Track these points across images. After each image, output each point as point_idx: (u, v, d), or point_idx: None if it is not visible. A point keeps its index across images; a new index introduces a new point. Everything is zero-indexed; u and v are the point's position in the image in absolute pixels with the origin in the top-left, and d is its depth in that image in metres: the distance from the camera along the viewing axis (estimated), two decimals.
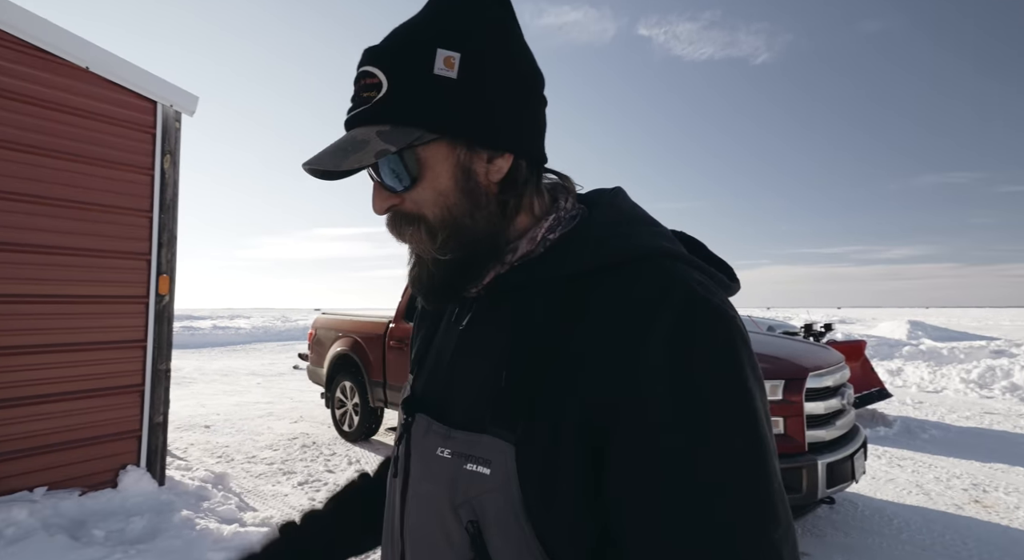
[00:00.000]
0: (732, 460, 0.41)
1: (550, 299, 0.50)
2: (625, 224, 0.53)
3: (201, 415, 6.34)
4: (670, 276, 0.47)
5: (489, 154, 0.51)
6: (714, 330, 0.44)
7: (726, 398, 0.42)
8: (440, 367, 0.58)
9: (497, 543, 0.46)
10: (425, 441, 0.53)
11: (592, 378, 0.44)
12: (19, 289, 2.87)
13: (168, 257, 3.42)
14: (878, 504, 3.66)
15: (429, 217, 0.51)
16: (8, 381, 2.83)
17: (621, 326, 0.45)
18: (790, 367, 3.01)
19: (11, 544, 2.46)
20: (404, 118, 0.48)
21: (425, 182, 0.50)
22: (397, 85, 0.48)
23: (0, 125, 2.79)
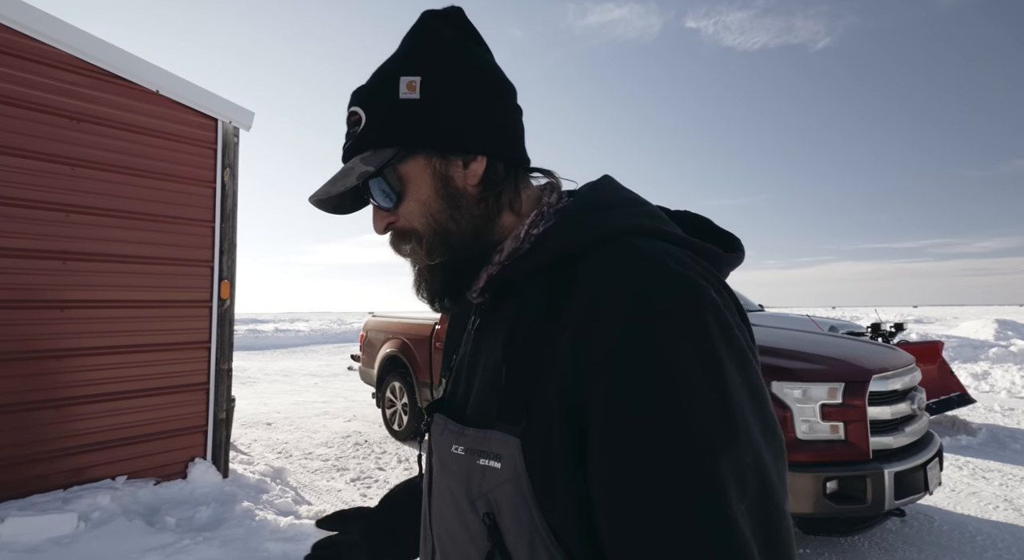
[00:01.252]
0: (694, 435, 0.40)
1: (539, 292, 0.52)
2: (602, 209, 0.54)
3: (263, 413, 6.72)
4: (635, 251, 0.48)
5: (463, 159, 0.55)
6: (677, 302, 0.44)
7: (690, 372, 0.41)
8: (461, 371, 0.61)
9: (512, 533, 0.48)
10: (442, 440, 0.56)
11: (567, 362, 0.46)
12: (99, 295, 3.15)
13: (229, 264, 3.65)
14: (959, 519, 3.35)
15: (419, 228, 0.56)
16: (92, 379, 3.12)
17: (585, 308, 0.46)
18: (850, 368, 2.82)
19: (97, 527, 2.71)
20: (380, 142, 0.54)
21: (409, 195, 0.56)
22: (371, 115, 0.55)
23: (81, 147, 3.09)
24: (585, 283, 0.48)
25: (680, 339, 0.42)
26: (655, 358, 0.42)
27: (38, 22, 2.90)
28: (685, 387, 0.41)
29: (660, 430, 0.41)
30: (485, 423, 0.52)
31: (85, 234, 3.10)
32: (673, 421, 0.41)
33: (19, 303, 2.89)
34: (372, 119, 0.54)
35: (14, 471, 2.85)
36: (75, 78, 3.06)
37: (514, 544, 0.48)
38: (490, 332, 0.57)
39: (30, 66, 2.91)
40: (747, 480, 0.41)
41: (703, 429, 0.41)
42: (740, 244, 0.56)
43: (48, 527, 2.56)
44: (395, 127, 0.54)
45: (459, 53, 0.56)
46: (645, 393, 0.42)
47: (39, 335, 2.95)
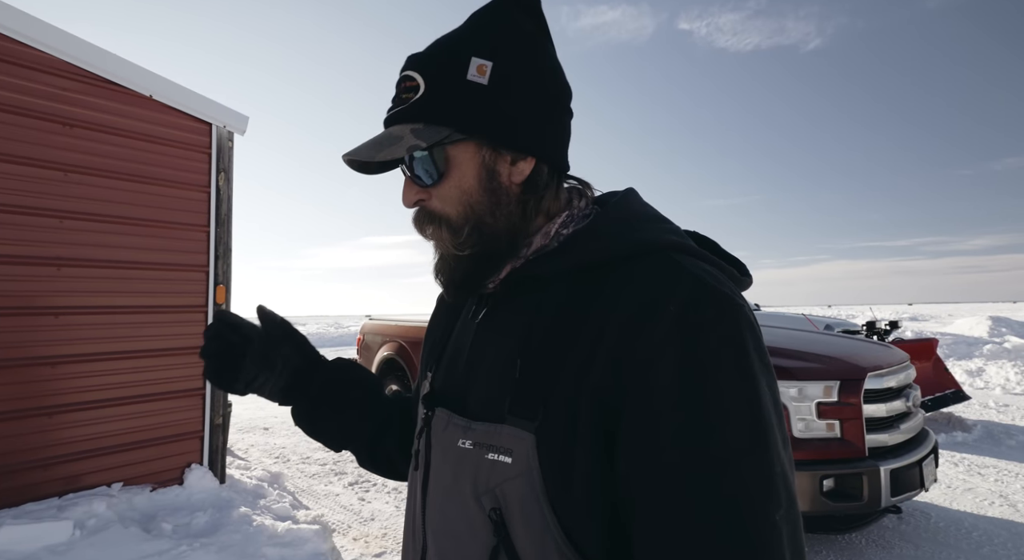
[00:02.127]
0: (733, 441, 0.42)
1: (562, 291, 0.53)
2: (634, 220, 0.55)
3: (261, 418, 6.69)
4: (678, 266, 0.49)
5: (513, 156, 0.54)
6: (720, 317, 0.45)
7: (730, 382, 0.44)
8: (458, 362, 0.60)
9: (519, 529, 0.48)
10: (446, 434, 0.55)
11: (604, 364, 0.46)
12: (94, 301, 3.13)
13: (224, 268, 3.64)
14: (954, 515, 3.37)
15: (452, 215, 0.55)
16: (86, 385, 3.10)
17: (630, 314, 0.47)
18: (845, 367, 2.83)
19: (92, 534, 2.68)
20: (436, 118, 0.52)
21: (451, 179, 0.54)
22: (432, 87, 0.52)
23: (74, 152, 3.08)
24: (628, 292, 0.48)
25: (722, 352, 0.44)
26: (698, 368, 0.44)
27: (29, 27, 2.88)
28: (726, 397, 0.43)
29: (701, 436, 0.42)
30: (494, 417, 0.51)
31: (79, 240, 3.08)
32: (714, 430, 0.42)
33: (13, 310, 2.87)
34: (432, 92, 0.52)
35: (8, 479, 2.82)
36: (67, 83, 3.04)
37: (521, 540, 0.48)
38: (502, 324, 0.56)
39: (21, 72, 2.90)
40: (779, 489, 0.43)
41: (741, 437, 0.43)
42: (748, 270, 0.58)
43: (43, 535, 2.54)
44: (456, 107, 0.52)
45: (534, 49, 0.55)
46: (687, 401, 0.43)
47: (33, 342, 2.93)
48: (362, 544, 3.16)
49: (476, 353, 0.57)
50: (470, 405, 0.55)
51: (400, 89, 0.54)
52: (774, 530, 0.41)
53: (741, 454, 0.42)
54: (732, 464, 0.42)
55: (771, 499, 0.42)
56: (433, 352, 0.67)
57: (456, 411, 0.55)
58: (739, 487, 0.41)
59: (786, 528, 0.42)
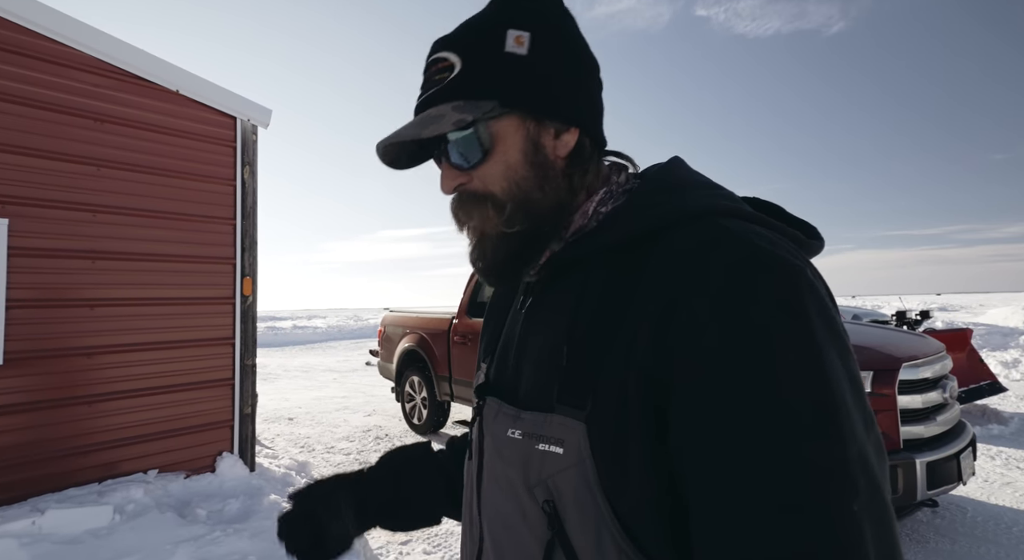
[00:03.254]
0: (793, 418, 0.38)
1: (606, 271, 0.50)
2: (677, 189, 0.52)
3: (285, 408, 6.83)
4: (725, 230, 0.45)
5: (556, 128, 0.53)
6: (773, 280, 0.41)
7: (788, 351, 0.39)
8: (508, 352, 0.59)
9: (574, 520, 0.46)
10: (496, 424, 0.54)
11: (650, 340, 0.43)
12: (127, 293, 3.21)
13: (250, 260, 3.70)
14: (993, 510, 3.27)
15: (497, 192, 0.52)
16: (121, 375, 3.19)
17: (674, 283, 0.44)
18: (879, 357, 2.76)
19: (132, 519, 2.77)
20: (478, 93, 0.50)
21: (496, 156, 0.52)
22: (470, 63, 0.51)
23: (106, 148, 3.14)
24: (671, 262, 0.45)
25: (777, 318, 0.40)
26: (750, 337, 0.40)
27: (63, 25, 2.94)
28: (783, 368, 0.39)
29: (757, 414, 0.38)
30: (543, 406, 0.49)
31: (111, 233, 3.16)
32: (770, 405, 0.38)
33: (50, 302, 2.96)
34: (470, 67, 0.51)
35: (51, 465, 2.93)
36: (98, 80, 3.11)
37: (576, 532, 0.46)
38: (546, 312, 0.55)
39: (56, 69, 2.96)
40: (855, 475, 0.38)
41: (802, 414, 0.38)
42: (819, 232, 0.53)
43: (85, 519, 2.63)
44: (497, 80, 0.50)
45: (566, 20, 0.54)
46: (740, 375, 0.39)
47: (71, 333, 3.02)
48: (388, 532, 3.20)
49: (524, 343, 0.56)
50: (520, 395, 0.54)
51: (431, 73, 0.52)
52: (852, 522, 0.36)
53: (804, 432, 0.37)
54: (793, 444, 0.37)
55: (845, 486, 0.37)
56: (490, 344, 0.66)
57: (507, 400, 0.55)
58: (803, 471, 0.36)
59: (868, 520, 0.37)
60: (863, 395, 0.42)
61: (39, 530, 2.52)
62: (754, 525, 0.37)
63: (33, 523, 2.53)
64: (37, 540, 2.44)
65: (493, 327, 0.68)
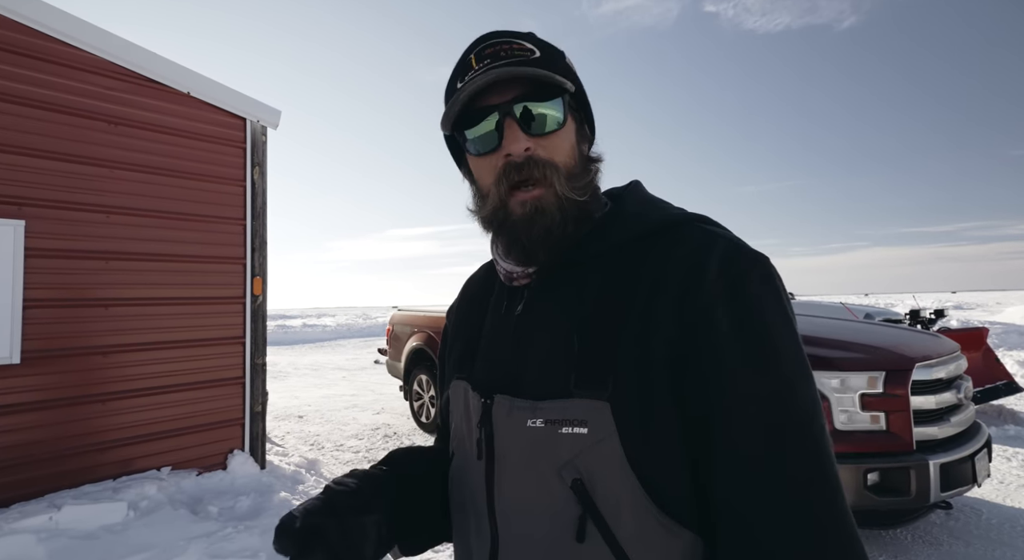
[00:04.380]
0: (792, 365, 0.50)
1: (601, 269, 0.57)
2: (652, 203, 0.63)
3: (295, 406, 6.89)
4: (711, 232, 0.57)
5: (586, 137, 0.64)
6: (755, 266, 0.53)
7: (777, 318, 0.51)
8: (500, 353, 0.61)
9: (602, 493, 0.50)
10: (511, 418, 0.56)
11: (667, 316, 0.51)
12: (140, 293, 3.27)
13: (260, 260, 3.74)
14: (1009, 512, 3.22)
15: (560, 164, 0.58)
16: (135, 374, 3.24)
17: (680, 271, 0.53)
18: (892, 357, 2.72)
19: (145, 515, 2.82)
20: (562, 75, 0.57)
21: (565, 132, 0.59)
22: (546, 55, 0.58)
23: (119, 150, 3.19)
24: (676, 256, 0.54)
25: (766, 295, 0.52)
26: (750, 308, 0.51)
27: (75, 29, 2.99)
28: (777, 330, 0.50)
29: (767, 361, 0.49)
30: (560, 393, 0.53)
31: (124, 234, 3.21)
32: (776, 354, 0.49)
33: (66, 302, 3.01)
34: (547, 58, 0.58)
35: (67, 462, 2.99)
36: (112, 83, 3.15)
37: (605, 503, 0.50)
38: (544, 311, 0.59)
39: (71, 73, 3.01)
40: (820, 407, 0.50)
41: (796, 362, 0.50)
42: None
43: (101, 515, 2.68)
44: (568, 77, 0.58)
45: None
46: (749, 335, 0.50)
47: (86, 332, 3.07)
48: None
49: (522, 341, 0.59)
50: (527, 388, 0.56)
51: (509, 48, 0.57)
52: (825, 437, 0.49)
53: (800, 378, 0.49)
54: (796, 387, 0.49)
55: (820, 415, 0.49)
56: (465, 355, 0.66)
57: (515, 395, 0.56)
58: (804, 406, 0.48)
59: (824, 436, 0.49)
60: None
61: (56, 525, 2.57)
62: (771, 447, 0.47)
63: (50, 519, 2.58)
64: (54, 535, 2.50)
65: (466, 337, 0.68)
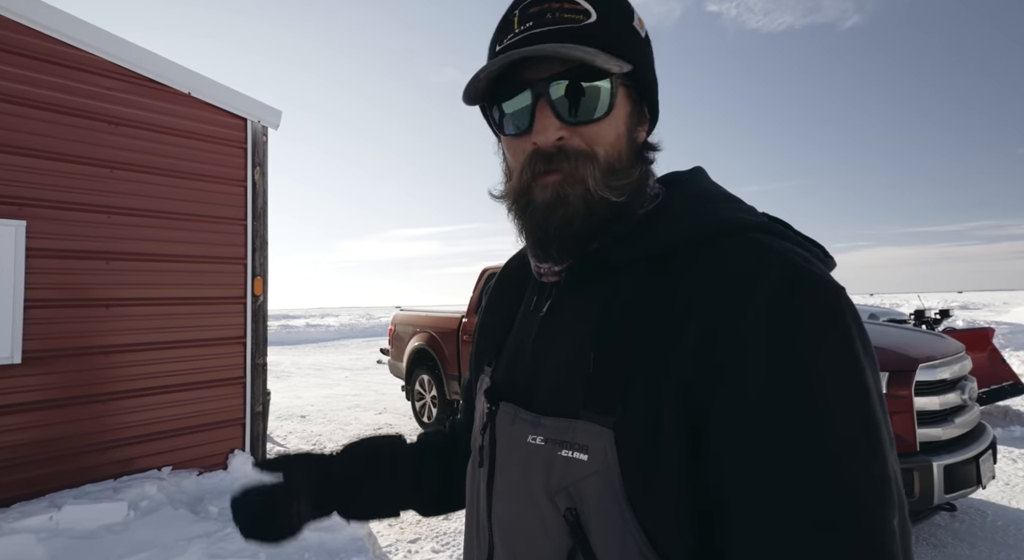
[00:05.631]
0: (842, 435, 0.38)
1: (636, 278, 0.49)
2: (709, 201, 0.51)
3: (298, 406, 6.90)
4: (767, 248, 0.45)
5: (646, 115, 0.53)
6: (817, 299, 0.41)
7: (835, 370, 0.39)
8: (521, 355, 0.57)
9: (597, 529, 0.45)
10: (513, 430, 0.52)
11: (690, 354, 0.42)
12: (140, 293, 3.27)
13: (261, 261, 3.74)
14: (1014, 514, 3.18)
15: (600, 155, 0.49)
16: (136, 374, 3.25)
17: (718, 300, 0.43)
18: (895, 357, 2.70)
19: (146, 515, 2.83)
20: (617, 50, 0.47)
21: (612, 119, 0.49)
22: (606, 19, 0.48)
23: (119, 150, 3.20)
24: (714, 277, 0.44)
25: (824, 338, 0.40)
26: (798, 355, 0.39)
27: (76, 29, 2.99)
28: (830, 386, 0.39)
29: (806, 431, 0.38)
30: (567, 412, 0.48)
31: (125, 234, 3.21)
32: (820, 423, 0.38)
33: (67, 302, 3.02)
34: (607, 24, 0.47)
35: (68, 462, 3.00)
36: (112, 83, 3.16)
37: (599, 540, 0.44)
38: (568, 315, 0.53)
39: (71, 73, 3.02)
40: (893, 491, 0.38)
41: (850, 431, 0.38)
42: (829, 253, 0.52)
43: (101, 515, 2.69)
44: (632, 47, 0.49)
45: None
46: (788, 391, 0.39)
47: (86, 332, 3.08)
48: (397, 530, 3.22)
49: (542, 346, 0.54)
50: (537, 399, 0.51)
51: (555, 9, 0.47)
52: (892, 536, 0.37)
53: (852, 450, 0.38)
54: (843, 461, 0.37)
55: (887, 501, 0.38)
56: (492, 346, 0.63)
57: (522, 405, 0.52)
58: (852, 487, 0.37)
59: (900, 533, 0.38)
60: (887, 414, 0.42)
61: (56, 525, 2.58)
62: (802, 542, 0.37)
63: (50, 518, 2.59)
64: (54, 535, 2.50)
65: (496, 328, 0.64)
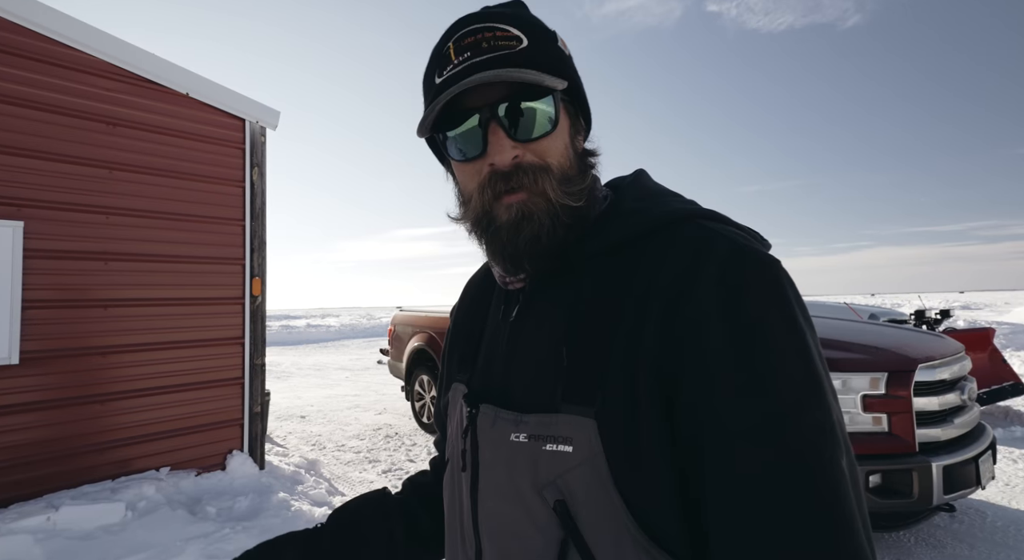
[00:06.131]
0: (793, 393, 0.42)
1: (596, 273, 0.52)
2: (655, 197, 0.56)
3: (298, 406, 6.90)
4: (712, 231, 0.49)
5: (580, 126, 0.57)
6: (760, 273, 0.46)
7: (779, 336, 0.44)
8: (495, 361, 0.59)
9: (586, 518, 0.46)
10: (495, 430, 0.54)
11: (655, 332, 0.46)
12: (139, 293, 3.27)
13: (259, 261, 3.74)
14: (1014, 515, 3.17)
15: (554, 167, 0.52)
16: (134, 374, 3.25)
17: (673, 278, 0.47)
18: (894, 358, 2.69)
19: (143, 516, 2.83)
20: (552, 69, 0.51)
21: (558, 132, 0.53)
22: (536, 43, 0.51)
23: (118, 151, 3.20)
24: (668, 261, 0.48)
25: (768, 307, 0.44)
26: (747, 325, 0.44)
27: (74, 30, 3.00)
28: (778, 351, 0.43)
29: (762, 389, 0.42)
30: (547, 407, 0.49)
31: (123, 235, 3.21)
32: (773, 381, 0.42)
33: (65, 303, 3.02)
34: (537, 47, 0.51)
35: (66, 462, 3.00)
36: (110, 84, 3.16)
37: (590, 529, 0.46)
38: (536, 318, 0.55)
39: (69, 74, 3.02)
40: (839, 436, 0.43)
41: (799, 389, 0.42)
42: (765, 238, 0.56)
43: (99, 515, 2.69)
44: (561, 65, 0.52)
45: None
46: (742, 358, 0.43)
47: (84, 333, 3.08)
48: None
49: (514, 350, 0.56)
50: (516, 399, 0.53)
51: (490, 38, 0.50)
52: (843, 476, 0.41)
53: (803, 405, 0.42)
54: (796, 415, 0.41)
55: (836, 444, 0.42)
56: (465, 361, 0.64)
57: (502, 406, 0.54)
58: (806, 437, 0.41)
59: (849, 473, 0.42)
60: (827, 367, 0.47)
61: (54, 526, 2.58)
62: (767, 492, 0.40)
63: (48, 519, 2.59)
64: (51, 536, 2.50)
65: (466, 343, 0.66)
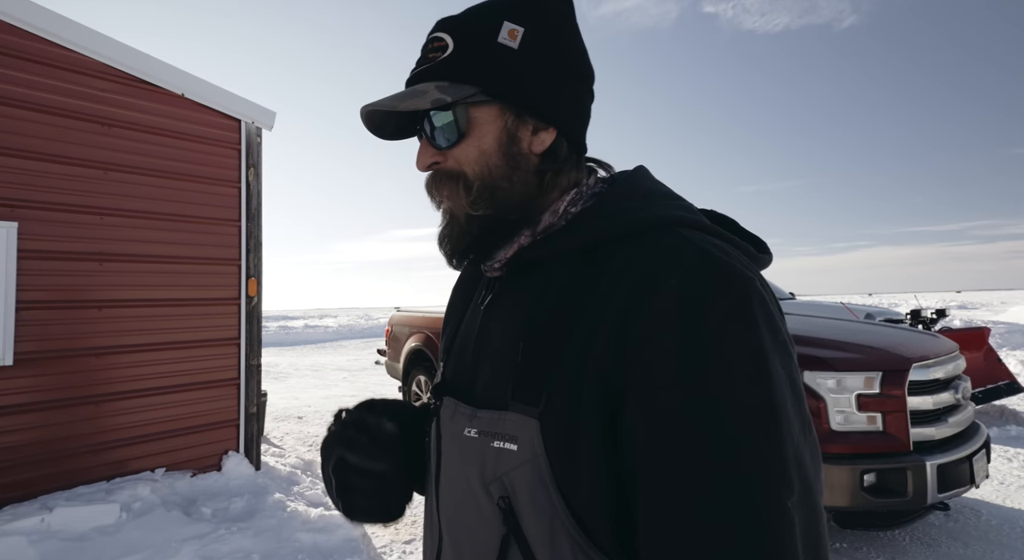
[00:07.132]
0: (738, 420, 0.40)
1: (566, 272, 0.52)
2: (642, 197, 0.54)
3: (295, 407, 6.89)
4: (685, 240, 0.47)
5: (535, 125, 0.54)
6: (725, 290, 0.43)
7: (734, 358, 0.41)
8: (467, 350, 0.59)
9: (528, 516, 0.47)
10: (453, 423, 0.55)
11: (605, 342, 0.45)
12: (134, 294, 3.26)
13: (255, 261, 3.73)
14: (1008, 513, 3.19)
15: (468, 174, 0.53)
16: (129, 375, 3.24)
17: (631, 289, 0.45)
18: (888, 357, 2.70)
19: (138, 517, 2.82)
20: (463, 77, 0.52)
21: (471, 139, 0.53)
22: (461, 47, 0.52)
23: (112, 151, 3.19)
24: (632, 268, 0.46)
25: (727, 327, 0.42)
26: (700, 344, 0.42)
27: (69, 31, 2.99)
28: (730, 374, 0.41)
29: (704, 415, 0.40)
30: (499, 404, 0.50)
31: (119, 236, 3.21)
32: (718, 407, 0.40)
33: (60, 304, 3.01)
34: (461, 51, 0.52)
35: (61, 463, 2.99)
36: (105, 85, 3.15)
37: (531, 527, 0.47)
38: (505, 308, 0.56)
39: (63, 74, 3.01)
40: (790, 474, 0.40)
41: (746, 416, 0.40)
42: (768, 247, 0.55)
43: (93, 517, 2.68)
44: (483, 68, 0.52)
45: (564, 23, 0.55)
46: (689, 378, 0.41)
47: (80, 334, 3.07)
48: (392, 531, 3.21)
49: (482, 339, 0.57)
50: (477, 393, 0.54)
51: (427, 50, 0.54)
52: (784, 516, 0.39)
53: (746, 434, 0.40)
54: (736, 444, 0.40)
55: (782, 484, 0.40)
56: (448, 343, 0.66)
57: (463, 399, 0.55)
58: (743, 468, 0.39)
59: (799, 516, 0.40)
60: (803, 401, 0.44)
61: (48, 527, 2.57)
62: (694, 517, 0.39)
63: (42, 520, 2.58)
64: (46, 537, 2.49)
65: (453, 323, 0.67)
